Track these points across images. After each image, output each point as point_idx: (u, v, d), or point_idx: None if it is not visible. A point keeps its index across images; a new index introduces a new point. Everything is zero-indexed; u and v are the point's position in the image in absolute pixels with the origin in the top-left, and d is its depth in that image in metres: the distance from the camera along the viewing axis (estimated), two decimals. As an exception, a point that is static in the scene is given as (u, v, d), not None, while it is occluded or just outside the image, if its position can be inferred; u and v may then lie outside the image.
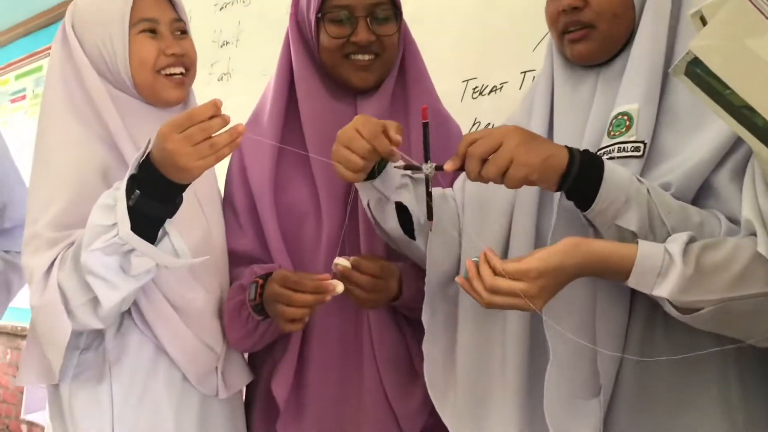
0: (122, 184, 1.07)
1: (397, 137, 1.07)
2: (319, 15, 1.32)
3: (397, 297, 1.26)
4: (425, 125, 1.07)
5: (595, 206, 0.97)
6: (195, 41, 1.39)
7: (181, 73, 1.32)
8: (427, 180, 1.08)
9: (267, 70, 2.40)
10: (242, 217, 1.38)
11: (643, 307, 1.01)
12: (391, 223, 1.21)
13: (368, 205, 1.21)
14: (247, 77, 2.57)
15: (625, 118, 1.06)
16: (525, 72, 1.78)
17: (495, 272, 0.95)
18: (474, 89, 1.89)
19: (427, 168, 1.06)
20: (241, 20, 2.62)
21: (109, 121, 1.26)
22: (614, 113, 1.08)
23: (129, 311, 1.24)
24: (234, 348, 1.33)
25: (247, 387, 1.44)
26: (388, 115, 1.36)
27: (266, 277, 1.25)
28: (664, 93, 1.06)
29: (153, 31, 1.29)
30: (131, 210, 1.06)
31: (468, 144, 0.99)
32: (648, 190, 0.97)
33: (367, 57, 1.32)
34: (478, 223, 1.21)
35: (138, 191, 1.06)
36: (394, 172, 1.17)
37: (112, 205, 1.07)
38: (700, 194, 1.01)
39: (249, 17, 2.60)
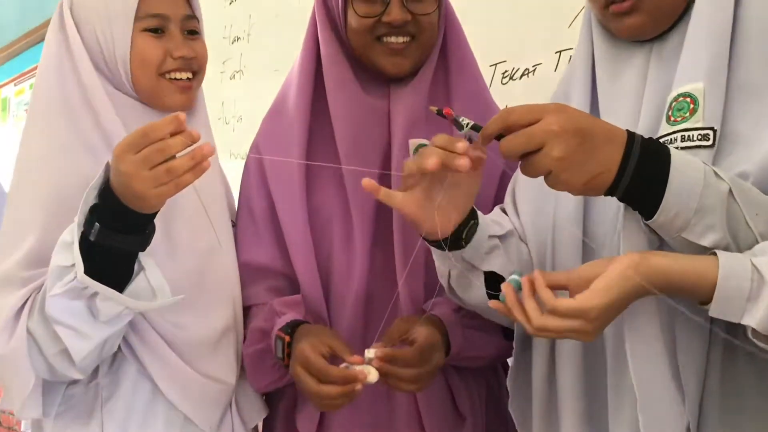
0: (78, 217, 0.92)
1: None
2: None
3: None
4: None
5: (658, 218, 0.80)
6: (206, 38, 1.24)
7: (188, 78, 1.17)
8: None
9: (280, 66, 2.27)
10: (260, 223, 1.23)
11: (719, 325, 0.83)
12: (477, 292, 1.03)
13: (448, 274, 1.03)
14: (259, 74, 2.46)
15: (689, 100, 0.88)
16: (560, 51, 1.60)
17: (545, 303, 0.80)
18: (504, 73, 1.72)
19: (465, 122, 0.87)
20: (252, 14, 2.51)
21: (107, 125, 1.11)
22: (674, 94, 0.90)
23: (125, 341, 1.09)
24: (258, 391, 1.20)
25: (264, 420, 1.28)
26: (420, 107, 1.20)
27: (293, 328, 1.10)
28: (731, 67, 0.88)
29: (160, 30, 1.14)
30: (94, 247, 0.91)
31: (503, 123, 0.81)
32: (730, 189, 0.78)
33: (401, 39, 1.15)
34: (533, 238, 1.05)
35: (98, 224, 0.91)
36: (483, 235, 0.99)
37: (71, 243, 0.92)
38: None
39: (261, 10, 2.47)
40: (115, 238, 0.92)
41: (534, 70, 1.66)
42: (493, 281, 1.01)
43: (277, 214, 1.22)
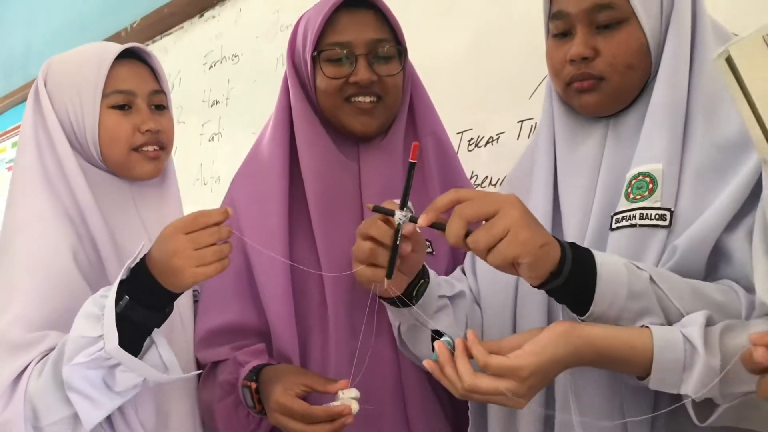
0: (111, 292, 0.96)
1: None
2: (315, 54, 1.20)
3: None
4: (411, 165, 0.93)
5: (594, 309, 0.84)
6: (185, 101, 1.31)
7: (154, 149, 1.21)
8: (397, 230, 0.93)
9: (258, 129, 2.32)
10: (234, 281, 1.24)
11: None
12: (423, 350, 1.08)
13: (398, 327, 1.08)
14: (237, 136, 2.51)
15: (647, 179, 0.94)
16: (522, 121, 1.68)
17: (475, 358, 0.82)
18: (470, 141, 1.79)
19: (401, 216, 0.92)
20: (231, 78, 2.57)
21: (78, 193, 1.15)
22: (633, 173, 0.96)
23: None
24: None
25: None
26: (394, 168, 1.25)
27: (257, 374, 1.12)
28: (684, 148, 0.95)
29: (127, 106, 1.18)
30: (118, 319, 0.95)
31: (453, 200, 0.86)
32: (651, 277, 0.84)
33: (368, 99, 1.20)
34: (490, 301, 1.09)
35: (127, 297, 0.96)
36: (433, 294, 1.04)
37: (99, 315, 0.96)
38: (714, 258, 0.89)
39: (238, 75, 2.54)
40: (139, 312, 0.97)
41: (498, 138, 1.73)
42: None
43: (251, 271, 1.23)
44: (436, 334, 1.05)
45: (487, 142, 1.75)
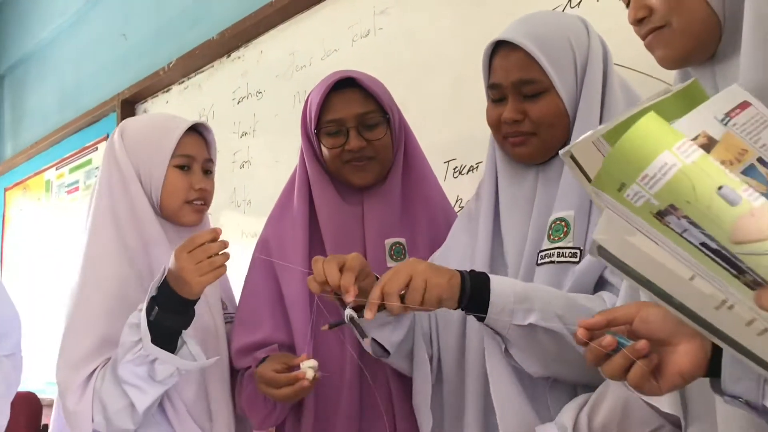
0: (144, 305, 1.29)
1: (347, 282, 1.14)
2: (316, 131, 1.50)
3: None
4: None
5: (491, 314, 1.09)
6: (218, 132, 1.59)
7: (201, 204, 1.53)
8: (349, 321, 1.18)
9: (280, 157, 2.63)
10: (268, 305, 1.53)
11: None
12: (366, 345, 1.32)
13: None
14: (264, 164, 2.76)
15: (563, 224, 1.16)
16: (496, 153, 1.95)
17: None
18: (455, 169, 2.05)
19: (347, 315, 1.18)
20: (256, 113, 2.81)
21: (148, 230, 1.46)
22: (553, 218, 1.17)
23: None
24: (262, 429, 1.51)
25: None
26: (396, 211, 1.54)
27: (263, 361, 1.42)
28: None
29: (187, 167, 1.49)
30: (153, 325, 1.27)
31: (380, 290, 1.08)
32: (531, 289, 1.08)
33: (362, 161, 1.49)
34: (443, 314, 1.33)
35: (156, 308, 1.28)
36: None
37: (137, 324, 1.29)
38: (600, 287, 1.13)
39: (262, 110, 2.78)
40: (167, 317, 1.28)
41: (477, 167, 1.99)
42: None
43: (283, 296, 1.52)
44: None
45: (469, 170, 2.01)
